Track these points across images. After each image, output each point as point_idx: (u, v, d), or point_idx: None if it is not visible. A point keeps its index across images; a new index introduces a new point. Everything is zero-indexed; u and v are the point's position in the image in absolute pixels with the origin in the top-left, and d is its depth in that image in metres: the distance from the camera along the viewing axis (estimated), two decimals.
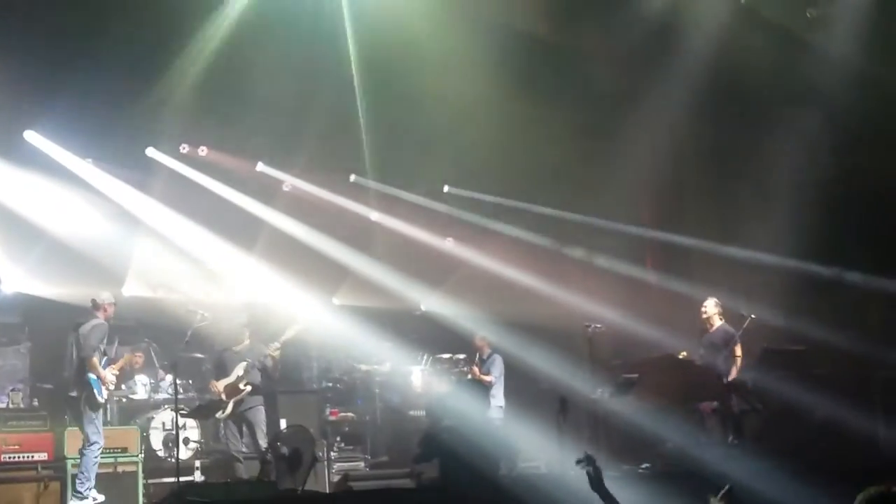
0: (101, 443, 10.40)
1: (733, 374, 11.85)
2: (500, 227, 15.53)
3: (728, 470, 9.54)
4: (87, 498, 10.09)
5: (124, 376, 11.25)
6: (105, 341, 10.69)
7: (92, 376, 10.42)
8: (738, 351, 11.90)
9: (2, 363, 11.70)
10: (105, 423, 11.45)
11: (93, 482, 10.23)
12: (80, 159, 12.72)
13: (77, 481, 10.19)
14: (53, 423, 11.06)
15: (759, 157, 12.77)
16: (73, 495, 10.16)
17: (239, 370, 11.57)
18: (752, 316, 11.84)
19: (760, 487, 8.54)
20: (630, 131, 12.98)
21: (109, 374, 10.64)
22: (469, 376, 12.69)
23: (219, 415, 11.68)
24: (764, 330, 12.07)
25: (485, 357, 13.23)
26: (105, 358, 10.75)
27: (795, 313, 12.81)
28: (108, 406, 11.90)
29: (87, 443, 10.31)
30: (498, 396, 12.60)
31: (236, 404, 11.53)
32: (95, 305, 10.73)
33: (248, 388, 11.54)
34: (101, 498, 10.22)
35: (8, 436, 10.66)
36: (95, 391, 10.41)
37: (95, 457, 10.31)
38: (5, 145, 11.98)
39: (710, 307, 12.18)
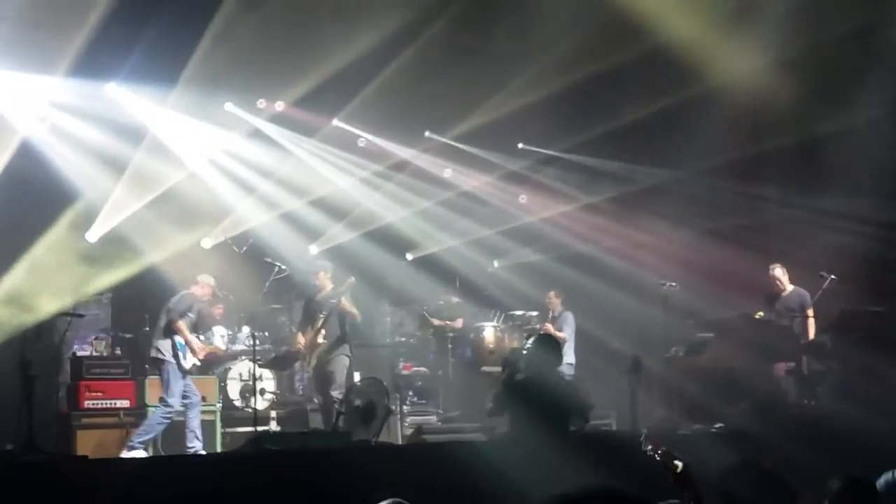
0: (175, 407, 10.63)
1: (810, 336, 11.74)
2: (573, 187, 15.44)
3: (801, 432, 9.53)
4: (137, 449, 10.31)
5: (203, 327, 11.47)
6: (193, 312, 10.97)
7: (179, 340, 10.70)
8: (812, 313, 11.77)
9: (84, 313, 11.95)
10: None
11: (150, 437, 10.48)
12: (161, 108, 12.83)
13: (136, 431, 10.46)
14: (135, 372, 11.35)
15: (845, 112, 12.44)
16: (130, 443, 10.39)
17: (318, 321, 11.73)
18: (832, 277, 11.68)
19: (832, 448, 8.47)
20: (708, 85, 12.70)
21: (197, 343, 10.90)
22: (542, 332, 12.69)
23: (305, 367, 11.84)
24: (843, 290, 11.88)
25: (556, 314, 13.27)
26: (197, 335, 11.06)
27: (876, 274, 12.56)
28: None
29: (161, 401, 10.61)
30: (569, 353, 12.61)
31: (317, 356, 11.69)
32: (194, 281, 11.13)
33: (324, 339, 11.69)
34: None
35: (91, 383, 10.97)
36: (181, 353, 10.69)
37: (164, 415, 10.58)
38: (91, 99, 12.15)
39: (779, 273, 12.06)
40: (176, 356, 10.73)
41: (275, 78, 12.74)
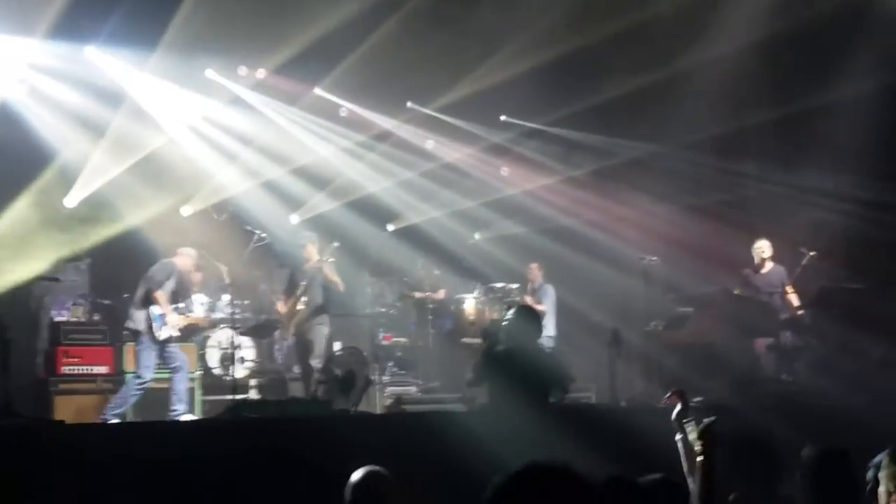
0: (146, 377, 10.51)
1: (790, 312, 11.80)
2: (554, 160, 15.42)
3: (781, 406, 9.59)
4: (110, 420, 10.23)
5: (182, 295, 11.39)
6: (172, 281, 10.84)
7: (155, 311, 10.58)
8: (791, 289, 11.83)
9: (62, 278, 11.86)
10: None
11: (123, 410, 10.38)
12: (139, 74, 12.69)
13: (109, 403, 10.37)
14: (113, 338, 11.28)
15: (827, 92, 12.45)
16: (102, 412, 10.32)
17: (299, 289, 11.69)
18: (812, 253, 11.74)
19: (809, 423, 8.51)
20: (691, 60, 12.68)
21: (174, 317, 10.77)
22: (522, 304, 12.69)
23: (284, 335, 11.79)
24: (822, 267, 11.93)
25: (536, 286, 13.28)
26: (176, 307, 10.92)
27: (856, 251, 12.63)
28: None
29: (135, 374, 10.51)
30: (549, 326, 12.64)
31: (296, 325, 11.67)
32: (177, 252, 11.05)
33: (304, 307, 11.66)
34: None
35: (69, 348, 10.89)
36: (155, 325, 10.56)
37: (137, 387, 10.47)
38: (70, 62, 12.00)
39: (765, 247, 12.09)
40: (150, 328, 10.62)
41: (256, 44, 12.63)
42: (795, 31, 12.20)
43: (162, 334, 10.67)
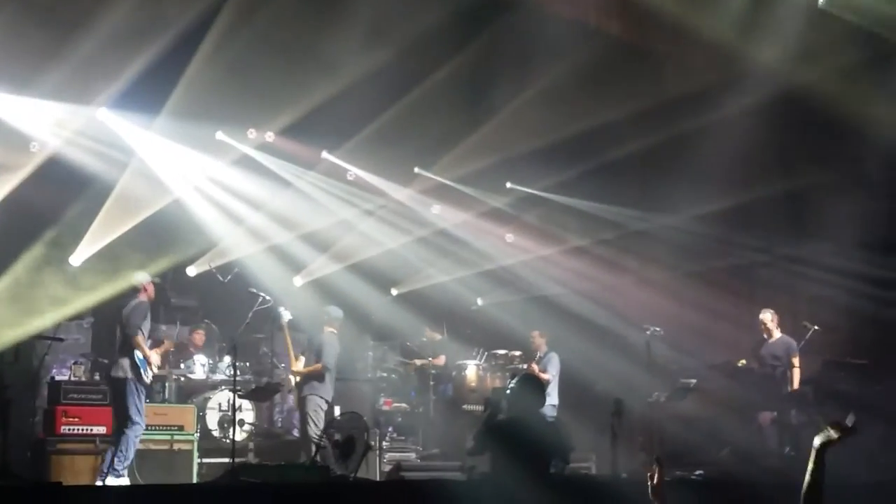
0: (142, 424, 10.42)
1: (794, 386, 11.75)
2: (560, 228, 15.48)
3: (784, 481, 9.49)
4: (122, 476, 10.13)
5: (184, 356, 11.34)
6: (148, 320, 10.71)
7: (139, 355, 10.47)
8: (797, 362, 11.79)
9: (65, 337, 11.84)
10: (163, 401, 11.65)
11: (130, 461, 10.26)
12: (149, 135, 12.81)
13: (115, 459, 10.17)
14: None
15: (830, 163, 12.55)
16: (109, 472, 10.12)
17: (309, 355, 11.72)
18: (815, 327, 11.73)
19: None
20: (697, 133, 12.79)
21: (154, 356, 10.66)
22: (526, 373, 12.63)
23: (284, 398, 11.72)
24: (826, 342, 11.91)
25: (542, 355, 13.24)
26: (149, 340, 10.84)
27: (859, 325, 12.62)
28: (166, 384, 12.11)
29: (129, 422, 10.31)
30: (553, 395, 12.57)
31: (298, 387, 11.67)
32: (135, 288, 10.84)
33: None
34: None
35: (68, 408, 10.80)
36: (141, 370, 10.45)
37: (136, 436, 10.35)
38: (83, 120, 12.11)
39: (768, 319, 12.09)
40: (137, 373, 10.49)
41: (264, 108, 12.74)
42: (802, 107, 12.32)
43: (147, 377, 10.55)
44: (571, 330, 14.03)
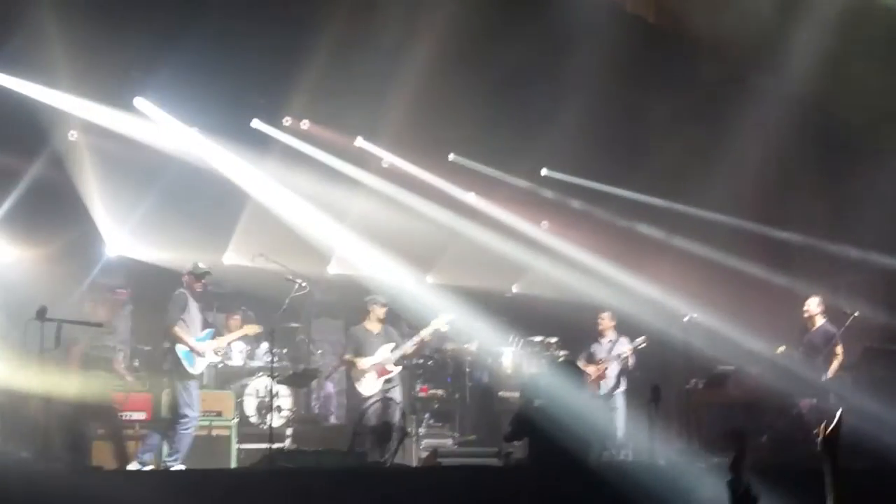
0: (192, 416, 10.38)
1: (832, 373, 11.63)
2: (597, 215, 15.42)
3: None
4: (175, 466, 10.17)
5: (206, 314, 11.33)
6: (189, 310, 10.62)
7: (182, 348, 10.48)
8: (839, 350, 11.66)
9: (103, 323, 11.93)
10: (201, 387, 11.68)
11: (182, 454, 10.27)
12: (187, 127, 12.91)
13: (168, 454, 10.30)
14: (152, 384, 11.27)
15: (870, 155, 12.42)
16: (161, 462, 10.26)
17: (385, 351, 11.74)
18: (856, 314, 11.60)
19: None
20: (737, 122, 12.70)
21: (201, 345, 10.59)
22: (563, 359, 12.55)
23: (369, 391, 11.64)
24: (866, 328, 11.79)
25: (613, 340, 13.02)
26: (209, 330, 10.87)
27: None
28: (204, 372, 12.17)
29: (178, 416, 10.33)
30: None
31: (384, 382, 11.68)
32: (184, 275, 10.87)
33: (398, 368, 11.76)
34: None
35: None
36: (186, 363, 10.45)
37: (185, 430, 10.33)
38: (119, 107, 12.24)
39: (814, 306, 11.96)
40: (179, 366, 10.39)
41: (300, 96, 12.79)
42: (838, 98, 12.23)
43: (195, 369, 10.54)
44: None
